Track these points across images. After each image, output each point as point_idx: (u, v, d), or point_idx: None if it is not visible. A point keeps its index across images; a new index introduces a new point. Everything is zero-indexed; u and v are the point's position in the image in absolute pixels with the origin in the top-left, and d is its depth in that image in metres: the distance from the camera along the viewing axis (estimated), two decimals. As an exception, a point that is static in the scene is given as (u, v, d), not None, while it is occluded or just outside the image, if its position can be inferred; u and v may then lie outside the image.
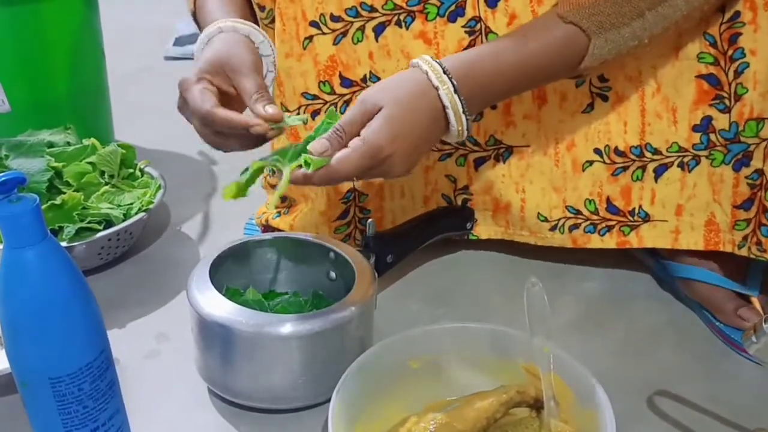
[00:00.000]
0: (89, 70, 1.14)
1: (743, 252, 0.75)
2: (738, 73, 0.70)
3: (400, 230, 0.87)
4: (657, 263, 0.86)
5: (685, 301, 0.83)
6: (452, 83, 0.66)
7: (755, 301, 0.77)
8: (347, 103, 0.81)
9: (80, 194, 0.84)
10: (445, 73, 0.66)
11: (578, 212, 0.83)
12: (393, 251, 0.83)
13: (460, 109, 0.67)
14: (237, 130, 0.67)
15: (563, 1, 0.69)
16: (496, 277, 0.89)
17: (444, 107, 0.67)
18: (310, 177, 0.63)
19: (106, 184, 0.90)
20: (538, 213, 0.84)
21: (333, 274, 0.76)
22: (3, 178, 0.51)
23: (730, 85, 0.71)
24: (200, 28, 0.80)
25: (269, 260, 0.78)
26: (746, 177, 0.74)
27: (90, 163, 0.89)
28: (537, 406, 0.63)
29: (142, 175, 0.96)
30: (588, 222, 0.83)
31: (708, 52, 0.71)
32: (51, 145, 0.92)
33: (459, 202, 0.88)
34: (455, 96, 0.66)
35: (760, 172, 0.72)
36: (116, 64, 1.24)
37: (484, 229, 0.90)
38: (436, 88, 0.66)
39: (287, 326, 0.64)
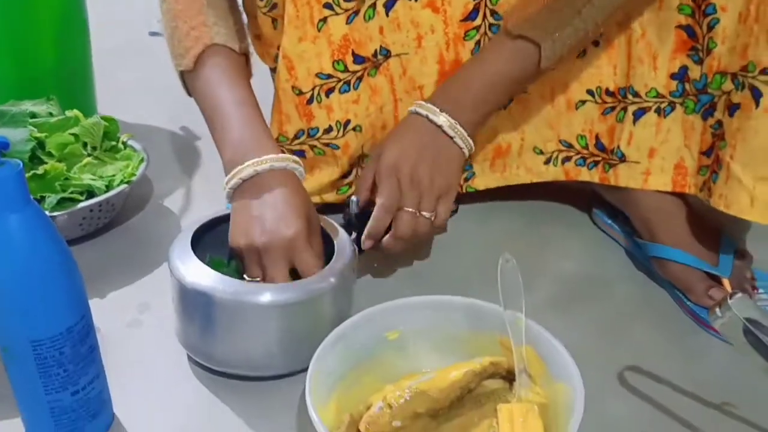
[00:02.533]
0: (74, 45, 1.13)
1: (702, 195, 0.79)
2: (710, 28, 0.73)
3: None
4: (633, 243, 0.88)
5: (659, 281, 0.84)
6: (450, 119, 0.77)
7: (726, 282, 0.78)
8: (360, 79, 0.83)
9: (63, 165, 0.85)
10: (441, 112, 0.77)
11: (570, 146, 0.88)
12: None
13: (464, 133, 0.78)
14: None
15: (508, 18, 0.76)
16: (474, 255, 0.90)
17: (451, 137, 0.77)
18: (373, 230, 0.78)
19: (89, 155, 0.90)
20: (534, 146, 0.90)
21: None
22: (-14, 143, 0.51)
23: (703, 38, 0.74)
24: (195, 94, 0.81)
25: None
26: (711, 126, 0.77)
27: (73, 134, 0.89)
28: (510, 377, 0.64)
29: (125, 148, 0.96)
30: (579, 156, 0.88)
31: (687, 3, 0.74)
32: (33, 115, 0.92)
33: None
34: (457, 126, 0.77)
35: (720, 122, 0.76)
36: (101, 39, 1.23)
37: (481, 180, 0.94)
38: (440, 126, 0.77)
39: (266, 295, 0.65)
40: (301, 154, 0.86)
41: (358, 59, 0.82)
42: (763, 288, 0.81)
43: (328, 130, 0.85)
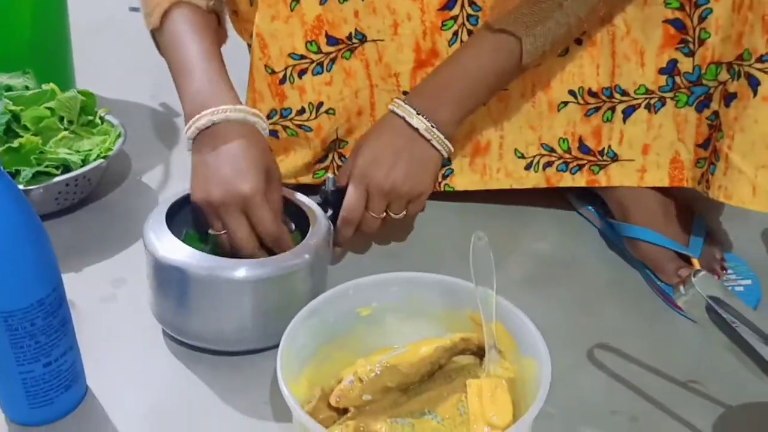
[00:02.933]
0: (51, 18, 1.12)
1: (700, 188, 0.80)
2: (702, 19, 0.73)
3: None
4: (606, 224, 0.89)
5: (630, 262, 0.86)
6: (427, 122, 0.77)
7: (695, 262, 0.80)
8: (333, 61, 0.83)
9: (38, 138, 0.84)
10: (419, 114, 0.77)
11: (552, 150, 0.87)
12: None
13: (441, 136, 0.78)
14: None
15: (490, 12, 0.77)
16: (449, 234, 0.91)
17: (427, 140, 0.77)
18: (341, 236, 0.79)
19: (65, 129, 0.89)
20: (515, 149, 0.88)
21: (293, 226, 0.77)
22: (-44, 112, 0.51)
23: (694, 30, 0.74)
24: (162, 50, 0.80)
25: None
26: (707, 118, 0.78)
27: (49, 108, 0.88)
28: (480, 353, 0.65)
29: (102, 123, 0.95)
30: (561, 160, 0.87)
31: None
32: (9, 88, 0.91)
33: None
34: (433, 130, 0.77)
35: (716, 113, 0.76)
36: (80, 14, 1.22)
37: (460, 180, 0.92)
38: (416, 129, 0.77)
39: (240, 271, 0.65)
40: (274, 134, 0.86)
41: (331, 41, 0.81)
42: (733, 269, 0.82)
43: (301, 111, 0.85)
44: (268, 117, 0.86)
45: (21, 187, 0.81)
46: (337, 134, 0.89)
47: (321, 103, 0.85)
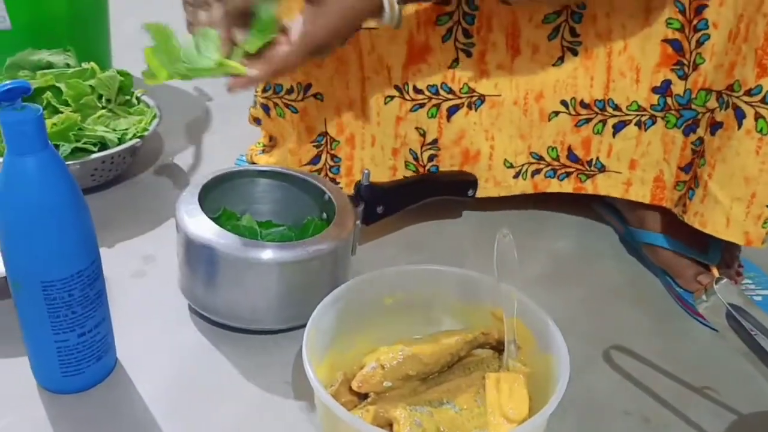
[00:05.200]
0: (90, -4, 1.14)
1: (677, 210, 0.80)
2: (699, 43, 0.73)
3: (395, 184, 0.89)
4: (626, 229, 0.90)
5: (649, 266, 0.87)
6: None
7: (714, 269, 0.80)
8: None
9: (77, 115, 0.86)
10: None
11: (540, 158, 0.87)
12: (384, 203, 0.84)
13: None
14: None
15: None
16: (472, 230, 0.92)
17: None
18: (254, 79, 0.65)
19: (103, 108, 0.91)
20: (505, 159, 0.88)
21: (325, 215, 0.79)
22: (8, 86, 0.53)
23: (691, 53, 0.74)
24: None
25: (266, 191, 0.81)
26: (692, 143, 0.78)
27: (89, 85, 0.90)
28: (500, 348, 0.67)
29: (138, 103, 0.98)
30: (549, 167, 0.87)
31: (677, 18, 0.74)
32: (50, 65, 0.93)
33: (425, 159, 0.90)
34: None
35: (702, 139, 0.77)
36: (117, -6, 1.24)
37: None
38: None
39: (267, 252, 0.67)
40: (265, 108, 0.87)
41: None
42: (751, 279, 0.83)
43: (290, 90, 0.85)
44: (264, 90, 0.86)
45: (59, 161, 0.83)
46: (326, 128, 0.88)
47: (309, 85, 0.85)
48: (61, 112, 0.86)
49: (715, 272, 0.80)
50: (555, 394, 0.55)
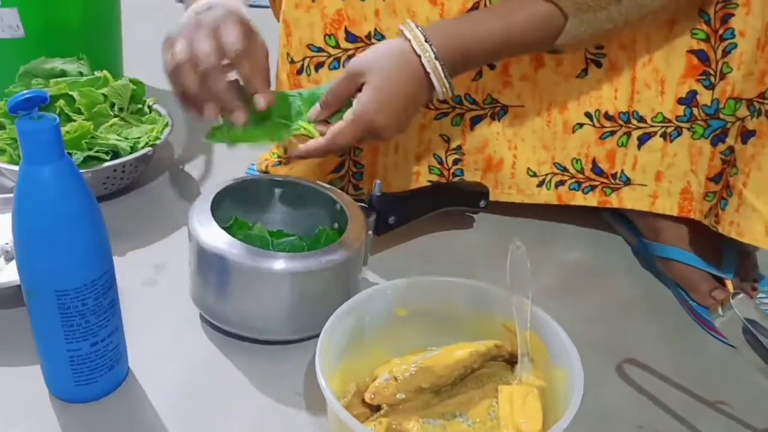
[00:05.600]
0: (102, 3, 1.14)
1: (707, 221, 0.80)
2: (726, 53, 0.73)
3: (408, 194, 0.89)
4: (639, 242, 0.90)
5: (663, 280, 0.86)
6: (433, 51, 0.70)
7: (729, 283, 0.80)
8: (350, 58, 0.82)
9: (90, 123, 0.87)
10: (426, 41, 0.70)
11: (565, 169, 0.87)
12: (396, 213, 0.84)
13: (442, 74, 0.71)
14: (238, 91, 0.71)
15: None
16: (484, 241, 0.92)
17: (427, 73, 0.71)
18: (311, 151, 0.72)
19: (116, 116, 0.92)
20: (528, 168, 0.88)
21: (336, 225, 0.79)
22: (26, 96, 0.53)
23: (717, 63, 0.74)
24: None
25: (277, 201, 0.81)
26: (721, 152, 0.78)
27: (102, 94, 0.91)
28: (512, 360, 0.66)
29: (150, 112, 0.98)
30: (573, 180, 0.87)
31: (701, 28, 0.74)
32: (64, 73, 0.94)
33: (450, 163, 0.91)
34: (436, 62, 0.70)
35: (731, 149, 0.76)
36: (130, 1, 1.25)
37: None
38: (419, 56, 0.70)
39: (279, 262, 0.67)
40: None
41: (351, 37, 0.81)
42: (764, 291, 0.82)
43: None
44: None
45: (72, 170, 0.84)
46: None
47: None
48: (74, 121, 0.86)
49: (730, 286, 0.79)
50: (569, 409, 0.55)
